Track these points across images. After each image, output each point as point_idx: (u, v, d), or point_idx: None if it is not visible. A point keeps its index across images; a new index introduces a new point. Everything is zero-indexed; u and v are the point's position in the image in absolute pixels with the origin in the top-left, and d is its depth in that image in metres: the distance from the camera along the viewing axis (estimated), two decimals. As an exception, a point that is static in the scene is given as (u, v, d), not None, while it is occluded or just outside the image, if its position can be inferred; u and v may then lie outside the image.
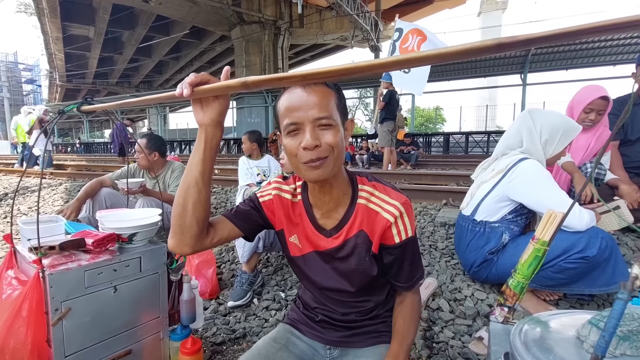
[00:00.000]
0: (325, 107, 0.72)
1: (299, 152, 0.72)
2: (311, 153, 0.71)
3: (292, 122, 0.72)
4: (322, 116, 0.71)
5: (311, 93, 0.72)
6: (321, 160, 0.72)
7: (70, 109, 0.98)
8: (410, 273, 0.86)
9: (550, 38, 0.40)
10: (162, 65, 25.41)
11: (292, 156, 0.74)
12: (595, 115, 1.93)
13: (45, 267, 0.96)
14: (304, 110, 0.71)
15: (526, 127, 1.53)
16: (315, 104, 0.71)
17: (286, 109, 0.73)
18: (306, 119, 0.71)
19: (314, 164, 0.72)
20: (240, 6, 14.82)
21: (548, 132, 1.50)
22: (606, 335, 0.33)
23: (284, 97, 0.74)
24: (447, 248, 2.11)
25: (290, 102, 0.73)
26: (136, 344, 1.17)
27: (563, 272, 1.34)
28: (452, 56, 0.45)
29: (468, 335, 1.46)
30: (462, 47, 0.44)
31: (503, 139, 1.64)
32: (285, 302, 1.85)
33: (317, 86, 0.73)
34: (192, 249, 0.79)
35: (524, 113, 1.59)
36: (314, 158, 0.71)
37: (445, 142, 12.35)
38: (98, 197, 2.34)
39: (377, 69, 0.52)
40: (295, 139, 0.73)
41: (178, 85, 0.70)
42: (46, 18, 17.14)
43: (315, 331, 0.94)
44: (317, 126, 0.72)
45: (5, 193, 5.15)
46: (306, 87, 0.72)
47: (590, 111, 1.92)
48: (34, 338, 0.94)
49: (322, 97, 0.72)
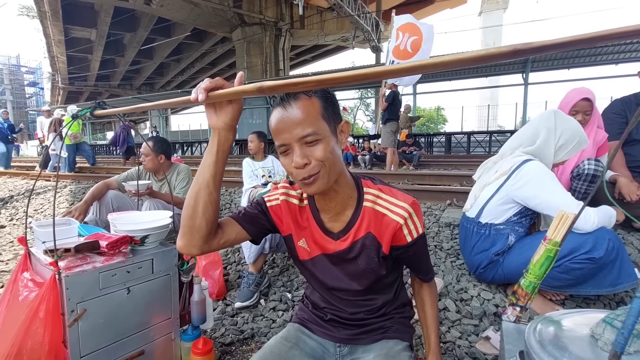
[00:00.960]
0: (310, 122, 0.71)
1: (293, 171, 0.74)
2: (302, 171, 0.72)
3: (281, 144, 0.73)
4: (306, 134, 0.71)
5: (292, 111, 0.71)
6: (313, 177, 0.72)
7: (84, 113, 1.00)
8: (427, 266, 0.92)
9: (564, 45, 0.41)
10: (164, 67, 25.49)
11: (290, 174, 0.76)
12: (582, 116, 1.99)
13: (62, 269, 0.97)
14: (288, 131, 0.71)
15: (546, 127, 1.52)
16: (298, 122, 0.71)
17: (273, 130, 0.74)
18: (292, 139, 0.71)
19: (307, 181, 0.73)
20: (242, 8, 14.87)
21: (565, 138, 1.50)
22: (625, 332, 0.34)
23: (272, 117, 0.75)
24: (453, 248, 2.12)
25: (275, 123, 0.73)
26: (148, 344, 1.18)
27: (569, 272, 1.35)
28: (468, 62, 0.46)
29: (475, 335, 1.47)
30: (479, 54, 0.45)
31: (517, 137, 1.62)
32: (292, 302, 1.86)
33: (299, 100, 0.72)
34: (200, 250, 0.80)
35: (548, 113, 1.57)
36: (306, 176, 0.72)
37: (447, 142, 12.34)
38: (105, 199, 2.36)
39: (395, 74, 0.53)
40: (287, 158, 0.74)
41: (193, 90, 0.71)
42: (48, 21, 17.22)
43: (325, 330, 0.95)
44: (304, 144, 0.72)
45: (11, 195, 5.18)
46: (286, 105, 0.72)
47: (576, 113, 1.99)
48: (50, 339, 0.96)
49: (305, 112, 0.71)
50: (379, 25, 15.33)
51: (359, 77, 0.54)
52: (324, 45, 22.02)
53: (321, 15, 16.56)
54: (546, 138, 1.51)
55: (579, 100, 1.98)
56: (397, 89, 6.00)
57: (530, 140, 1.55)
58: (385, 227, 0.82)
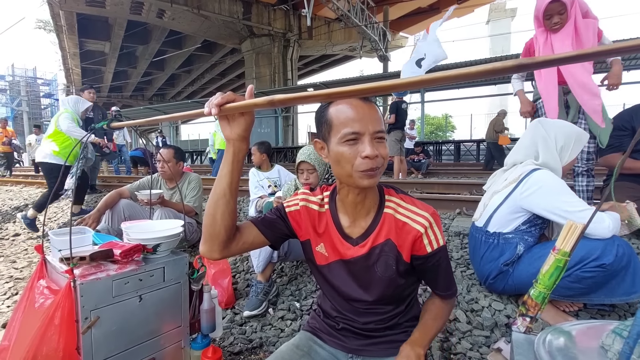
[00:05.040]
0: (380, 122, 0.77)
1: (356, 161, 0.75)
2: (371, 162, 0.75)
3: (354, 131, 0.75)
4: (379, 129, 0.76)
5: (370, 107, 0.77)
6: (375, 170, 0.76)
7: (101, 125, 1.04)
8: (447, 283, 0.89)
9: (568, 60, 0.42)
10: (175, 78, 26.00)
11: (347, 163, 0.76)
12: (558, 18, 2.07)
13: (77, 277, 1.00)
14: (364, 122, 0.75)
15: (540, 136, 1.54)
16: (374, 118, 0.76)
17: (347, 118, 0.76)
18: (367, 130, 0.75)
19: (372, 173, 0.76)
20: (251, 20, 15.16)
21: (563, 139, 1.52)
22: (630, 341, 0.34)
23: (342, 107, 0.77)
24: (463, 258, 2.10)
25: (351, 112, 0.76)
26: (159, 352, 1.20)
27: (581, 281, 1.33)
28: (473, 76, 0.47)
29: (486, 346, 1.45)
30: (484, 68, 0.46)
31: (515, 151, 1.65)
32: (301, 312, 1.86)
33: (371, 102, 0.78)
34: (221, 254, 0.84)
35: (534, 124, 1.61)
36: (373, 167, 0.75)
37: (456, 150, 12.26)
38: (117, 208, 2.40)
39: (402, 87, 0.55)
40: (352, 147, 0.76)
41: (205, 104, 0.74)
42: (64, 35, 17.79)
43: (336, 339, 0.95)
44: (374, 138, 0.76)
45: (26, 204, 5.30)
46: (365, 101, 0.77)
47: (550, 17, 2.09)
48: (65, 345, 0.98)
49: (377, 112, 0.78)
50: (387, 34, 15.44)
51: (367, 90, 0.56)
52: (331, 55, 22.22)
53: (329, 26, 16.78)
54: (546, 146, 1.53)
55: (547, 4, 2.05)
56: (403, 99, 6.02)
57: (532, 154, 1.57)
58: (406, 236, 0.83)
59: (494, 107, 22.43)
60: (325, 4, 11.93)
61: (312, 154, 2.02)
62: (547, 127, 1.55)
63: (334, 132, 0.78)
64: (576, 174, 2.34)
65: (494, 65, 0.46)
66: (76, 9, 14.34)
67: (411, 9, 17.08)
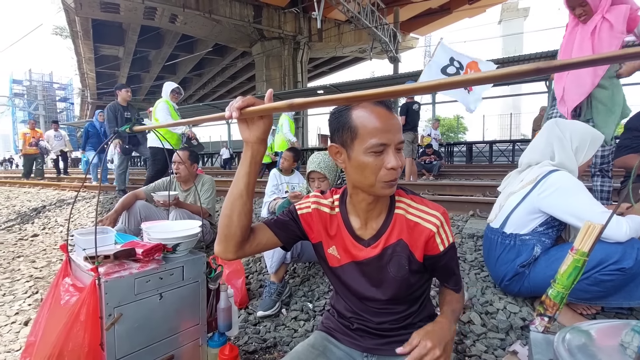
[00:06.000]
0: (401, 131, 0.79)
1: (381, 172, 0.77)
2: (394, 173, 0.77)
3: (383, 143, 0.75)
4: (401, 140, 0.78)
5: (394, 116, 0.78)
6: (396, 180, 0.78)
7: (124, 129, 1.07)
8: (457, 277, 0.92)
9: (586, 63, 0.43)
10: (187, 81, 26.42)
11: (372, 174, 0.77)
12: (580, 9, 2.01)
13: (101, 274, 1.03)
14: (392, 133, 0.76)
15: (555, 136, 1.53)
16: (397, 128, 0.78)
17: (374, 128, 0.75)
18: (392, 141, 0.76)
19: (393, 183, 0.78)
20: (261, 23, 15.33)
21: (578, 140, 1.51)
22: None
23: (367, 115, 0.76)
24: (476, 260, 2.09)
25: (378, 122, 0.75)
26: (178, 349, 1.23)
27: (599, 284, 1.31)
28: (489, 80, 0.49)
29: (501, 349, 1.44)
30: (501, 72, 0.47)
31: (530, 152, 1.64)
32: (313, 312, 1.88)
33: (393, 111, 0.79)
34: (235, 254, 0.85)
35: (550, 124, 1.60)
36: (396, 177, 0.77)
37: (469, 152, 12.13)
38: (133, 209, 2.46)
39: (418, 91, 0.56)
40: (378, 158, 0.76)
41: (226, 108, 0.77)
42: (80, 40, 18.27)
43: (351, 339, 0.96)
44: (396, 149, 0.77)
45: (44, 205, 5.45)
46: (388, 109, 0.77)
47: (573, 8, 2.04)
48: (90, 341, 1.01)
49: (399, 121, 0.79)
50: (397, 36, 15.40)
51: (385, 94, 0.57)
52: (341, 57, 22.29)
53: (339, 28, 16.83)
54: (561, 146, 1.52)
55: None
56: (414, 100, 6.01)
57: (547, 154, 1.55)
58: (418, 236, 0.84)
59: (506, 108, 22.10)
60: (336, 7, 11.98)
61: (322, 162, 2.03)
62: (562, 128, 1.54)
63: (359, 141, 0.77)
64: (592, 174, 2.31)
65: (511, 69, 0.47)
66: (91, 15, 14.72)
67: (422, 10, 17.00)
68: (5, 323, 1.97)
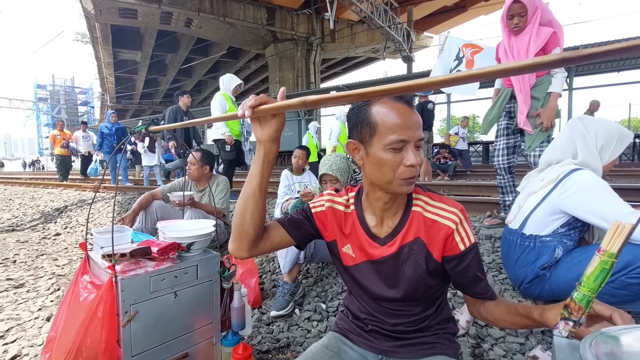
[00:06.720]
0: (421, 128, 0.77)
1: (399, 169, 0.75)
2: (414, 170, 0.75)
3: (402, 140, 0.74)
4: (421, 137, 0.76)
5: (414, 112, 0.76)
6: (415, 178, 0.77)
7: (140, 129, 1.09)
8: (486, 283, 0.85)
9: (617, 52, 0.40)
10: (201, 84, 26.87)
11: (390, 171, 0.76)
12: (518, 19, 2.15)
13: (118, 272, 1.05)
14: (412, 130, 0.75)
15: (579, 134, 1.47)
16: (418, 125, 0.76)
17: (395, 124, 0.74)
18: (412, 138, 0.75)
19: (411, 180, 0.76)
20: (274, 25, 15.45)
21: (604, 137, 1.44)
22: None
23: (387, 111, 0.75)
24: (494, 262, 2.03)
25: (398, 118, 0.74)
26: (192, 347, 1.24)
27: (626, 287, 1.25)
28: (513, 72, 0.47)
29: (521, 353, 1.39)
30: (524, 63, 0.45)
31: (551, 150, 1.58)
32: (327, 313, 1.87)
33: (413, 107, 0.77)
34: (249, 253, 0.85)
35: (574, 121, 1.54)
36: (414, 175, 0.76)
37: (485, 152, 11.88)
38: (150, 209, 2.51)
39: (434, 85, 0.55)
40: (397, 155, 0.75)
41: (239, 107, 0.77)
42: (99, 45, 18.82)
43: (366, 340, 0.94)
44: (415, 146, 0.76)
45: (65, 205, 5.63)
46: (408, 105, 0.76)
47: (512, 17, 2.17)
48: (107, 338, 1.03)
49: (419, 118, 0.77)
50: (410, 35, 15.25)
51: (400, 89, 0.56)
52: (354, 57, 22.22)
53: (352, 28, 16.78)
54: (585, 144, 1.45)
55: (511, 4, 2.14)
56: (428, 98, 5.92)
57: (570, 152, 1.49)
58: (436, 234, 0.81)
59: (524, 107, 21.53)
60: (348, 7, 11.94)
61: (334, 164, 2.02)
62: (587, 125, 1.47)
63: (379, 137, 0.76)
64: None
65: (535, 60, 0.44)
66: (110, 21, 15.14)
67: (436, 8, 16.79)
68: (29, 318, 2.04)
